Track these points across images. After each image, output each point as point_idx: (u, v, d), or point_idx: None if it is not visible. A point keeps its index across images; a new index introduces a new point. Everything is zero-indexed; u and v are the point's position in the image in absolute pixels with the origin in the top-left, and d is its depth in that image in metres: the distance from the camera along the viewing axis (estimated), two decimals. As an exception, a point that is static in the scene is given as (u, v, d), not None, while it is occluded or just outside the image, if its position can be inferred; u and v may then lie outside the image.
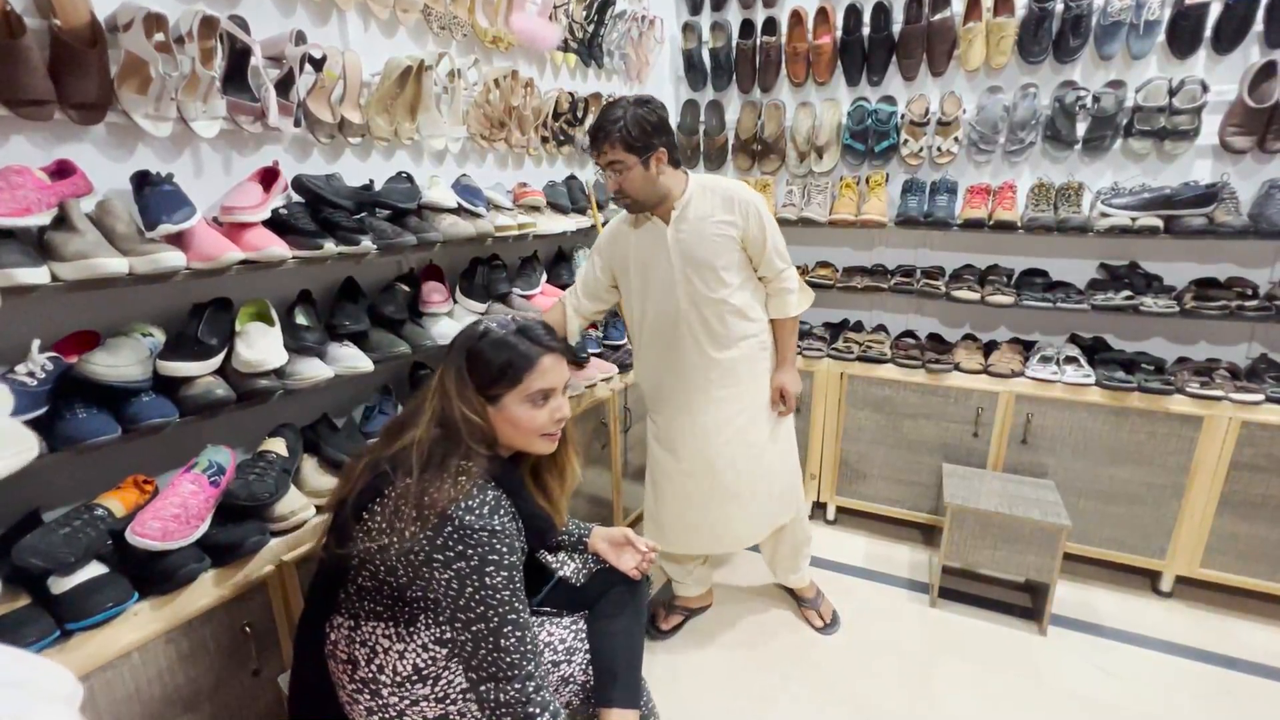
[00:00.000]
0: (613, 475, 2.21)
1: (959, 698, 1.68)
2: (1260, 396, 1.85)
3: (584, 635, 1.13)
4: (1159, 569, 2.06)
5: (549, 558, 1.24)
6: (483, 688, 0.91)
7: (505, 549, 0.91)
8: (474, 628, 0.90)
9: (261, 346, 1.19)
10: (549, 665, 1.08)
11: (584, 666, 1.11)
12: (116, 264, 0.99)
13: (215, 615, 1.08)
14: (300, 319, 1.38)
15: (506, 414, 0.99)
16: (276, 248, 1.20)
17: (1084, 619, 1.99)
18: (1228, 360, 2.05)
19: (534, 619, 1.11)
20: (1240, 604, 2.03)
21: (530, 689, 0.91)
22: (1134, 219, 1.95)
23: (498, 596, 0.89)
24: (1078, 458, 2.06)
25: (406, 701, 0.97)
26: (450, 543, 0.89)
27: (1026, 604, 2.06)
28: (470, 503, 0.91)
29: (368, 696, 0.98)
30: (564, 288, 2.05)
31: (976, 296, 2.18)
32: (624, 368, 2.19)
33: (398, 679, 0.97)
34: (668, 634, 1.93)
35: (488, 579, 0.89)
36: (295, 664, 1.04)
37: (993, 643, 1.88)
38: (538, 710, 0.91)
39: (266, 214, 1.25)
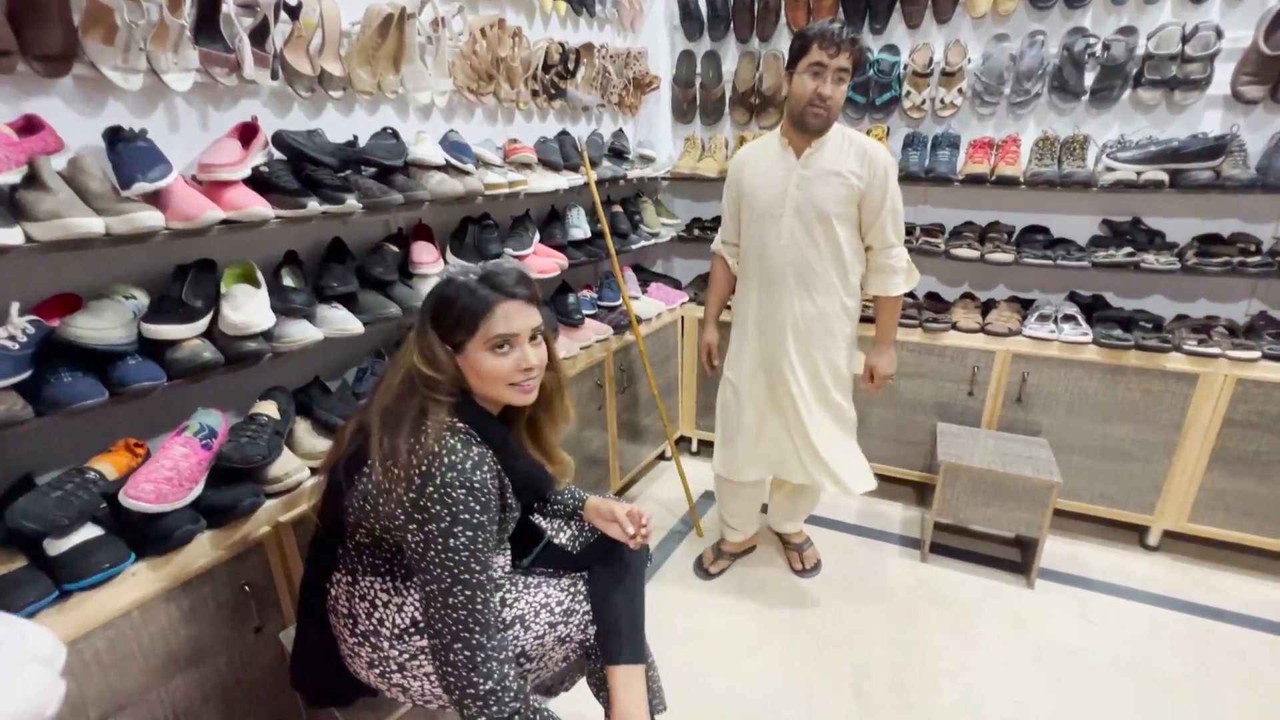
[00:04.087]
0: (609, 436, 2.22)
1: (947, 646, 1.73)
2: (1257, 354, 1.84)
3: (582, 597, 1.14)
4: (1147, 524, 2.10)
5: (543, 523, 1.25)
6: (433, 646, 0.91)
7: (478, 507, 0.90)
8: (429, 587, 0.90)
9: (248, 309, 1.17)
10: (545, 626, 1.09)
11: (582, 626, 1.13)
12: (92, 224, 0.96)
13: (214, 575, 1.09)
14: (287, 281, 1.36)
15: (471, 362, 0.97)
16: (258, 207, 1.17)
17: (1072, 572, 2.03)
18: (1226, 317, 2.03)
19: (531, 580, 1.13)
20: (1225, 557, 2.07)
21: (479, 658, 0.89)
22: (1139, 173, 1.91)
23: (457, 557, 0.88)
24: (1072, 415, 2.07)
25: (406, 655, 0.99)
26: (428, 503, 0.88)
27: (1016, 558, 2.10)
28: (453, 458, 0.90)
29: (369, 650, 1.00)
30: (558, 248, 2.02)
31: (976, 254, 2.15)
32: (619, 329, 2.18)
33: (396, 631, 0.99)
34: (714, 576, 2.03)
35: (452, 540, 0.88)
36: (299, 621, 1.06)
37: (981, 595, 1.93)
38: (481, 679, 0.89)
39: (247, 172, 1.21)
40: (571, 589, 1.14)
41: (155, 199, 1.07)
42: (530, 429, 1.12)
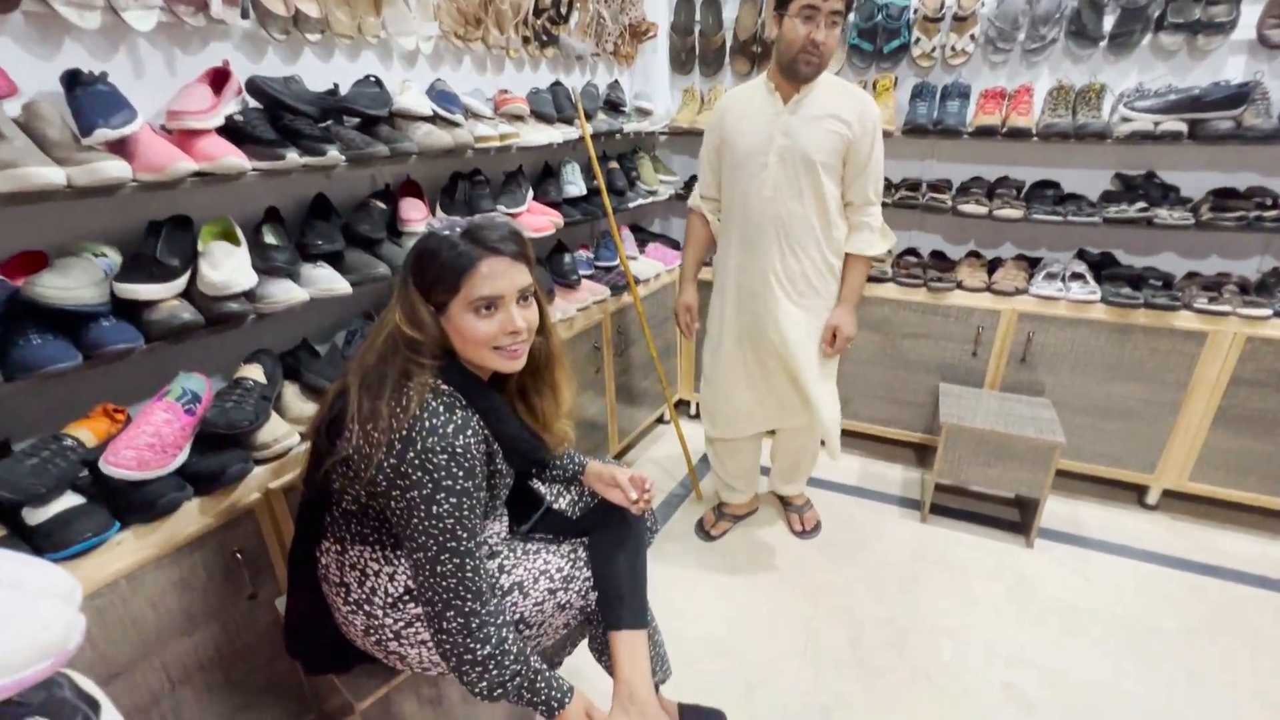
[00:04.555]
0: (607, 400, 2.19)
1: (946, 605, 1.73)
2: (1268, 311, 1.80)
3: (582, 563, 1.12)
4: (1147, 483, 2.09)
5: (542, 488, 1.22)
6: (426, 615, 0.89)
7: (462, 473, 0.86)
8: (415, 556, 0.87)
9: (227, 267, 1.11)
10: (545, 592, 1.07)
11: (582, 592, 1.11)
12: (51, 174, 0.89)
13: (205, 542, 1.06)
14: (269, 238, 1.30)
15: (454, 323, 0.91)
16: (233, 158, 1.10)
17: (1071, 531, 2.03)
18: (1238, 274, 1.99)
19: (530, 546, 1.10)
20: (1223, 515, 2.08)
21: (474, 624, 0.87)
22: (1157, 123, 1.83)
23: (442, 524, 0.85)
24: (1076, 375, 2.04)
25: (402, 622, 0.97)
26: (409, 469, 0.85)
27: (1015, 518, 2.10)
28: (434, 421, 0.86)
29: (363, 618, 0.98)
30: (552, 205, 1.95)
31: (984, 211, 2.09)
32: (616, 289, 2.12)
33: (390, 600, 0.96)
34: (715, 538, 2.02)
35: (435, 507, 0.85)
36: (290, 590, 1.03)
37: (980, 555, 1.93)
38: (477, 644, 0.87)
39: (219, 120, 1.13)
40: (571, 555, 1.12)
41: (120, 148, 1.00)
42: (522, 397, 1.08)
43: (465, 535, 0.87)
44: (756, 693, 1.48)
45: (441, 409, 0.88)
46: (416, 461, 0.84)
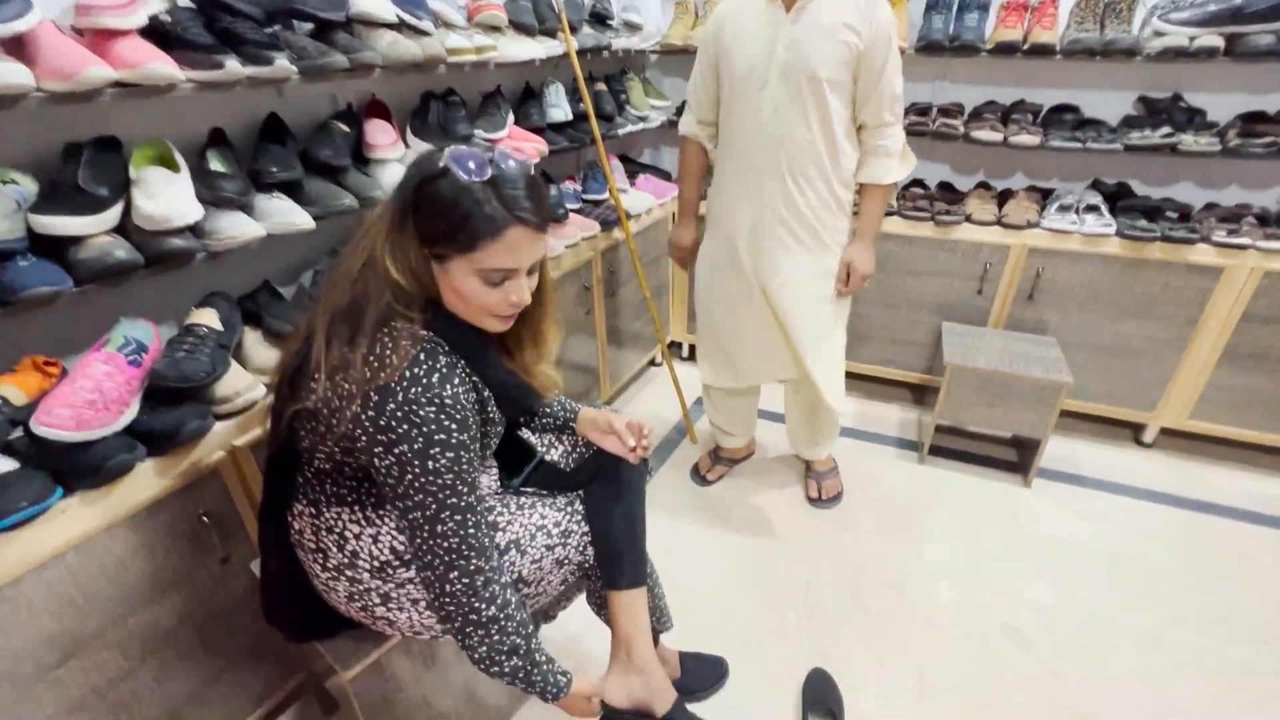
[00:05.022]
0: (598, 343, 2.08)
1: (945, 546, 1.72)
2: (1289, 244, 1.73)
3: (580, 517, 1.05)
4: (1146, 421, 2.07)
5: (533, 439, 1.13)
6: (425, 578, 0.82)
7: (455, 425, 0.77)
8: (410, 515, 0.79)
9: (165, 197, 0.97)
10: (542, 549, 1.00)
11: (580, 547, 1.04)
12: (-73, 79, 0.73)
13: (166, 506, 0.97)
14: (215, 165, 1.14)
15: (451, 279, 0.80)
16: (159, 64, 0.93)
17: (1067, 470, 2.02)
18: (1259, 205, 1.90)
19: (524, 501, 1.03)
20: (1218, 453, 2.07)
21: (479, 582, 0.81)
22: (1192, 38, 1.69)
23: (440, 480, 0.77)
24: (1084, 313, 1.98)
25: (391, 585, 0.90)
26: (393, 423, 0.75)
27: (1013, 458, 2.08)
28: (416, 371, 0.76)
29: (346, 584, 0.90)
30: (535, 131, 1.78)
31: (999, 137, 1.96)
32: (606, 225, 1.98)
33: (376, 564, 0.88)
34: (711, 482, 1.97)
35: (430, 462, 0.76)
36: (262, 556, 0.95)
37: (979, 495, 1.91)
38: (483, 604, 0.81)
39: (141, 19, 0.96)
40: (568, 509, 1.05)
41: (18, 51, 0.83)
42: (500, 342, 0.97)
43: (465, 490, 0.79)
44: (757, 637, 1.46)
45: (423, 356, 0.77)
46: (399, 414, 0.75)
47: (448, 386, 0.77)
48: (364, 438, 0.77)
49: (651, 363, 2.67)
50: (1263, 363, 1.84)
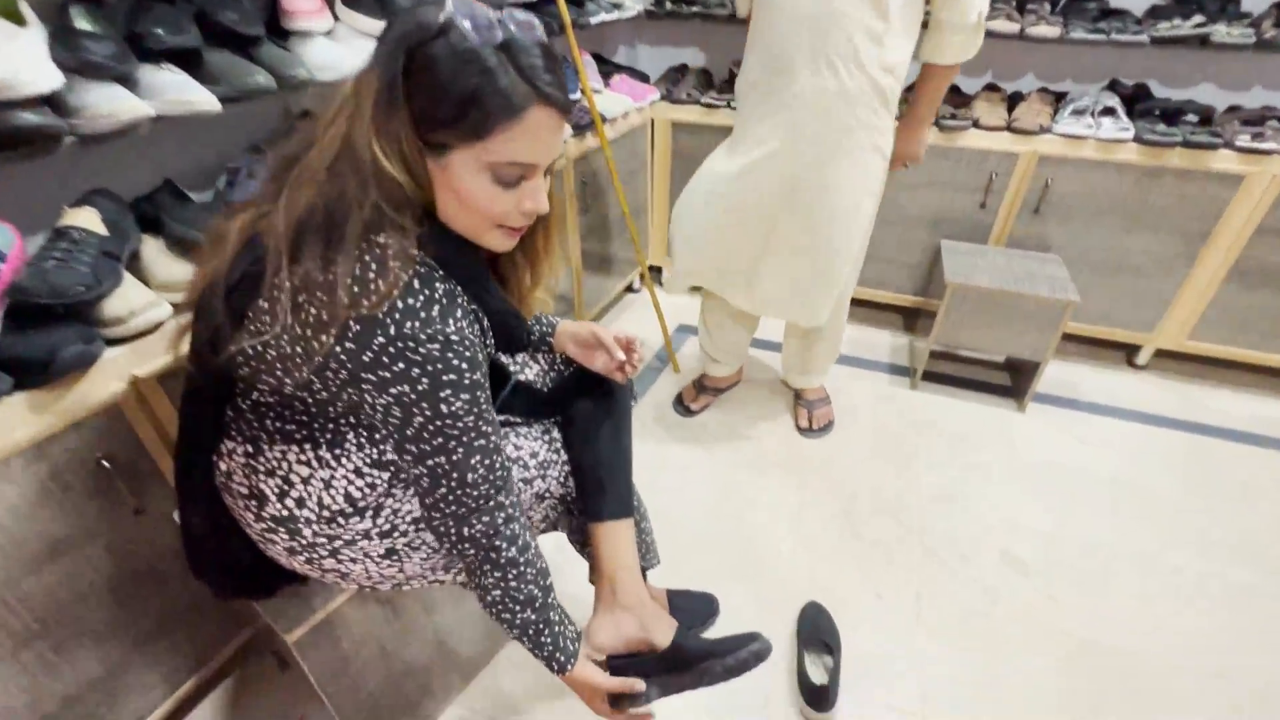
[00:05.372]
0: (573, 265, 1.90)
1: (940, 472, 1.65)
2: (1316, 148, 1.61)
3: (560, 444, 0.92)
4: (1143, 343, 2.00)
5: (504, 358, 0.98)
6: (441, 524, 0.70)
7: (465, 365, 0.62)
8: (429, 462, 0.66)
9: (3, 55, 0.74)
10: (520, 483, 0.87)
11: (561, 479, 0.92)
12: None
13: (48, 451, 0.79)
14: (79, 22, 0.89)
15: (452, 177, 0.62)
16: None
17: (1062, 394, 1.95)
18: (1284, 107, 1.77)
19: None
20: (1213, 375, 2.03)
21: (500, 520, 0.71)
22: (1240, -93, 1.50)
23: (460, 424, 0.64)
24: (1090, 227, 1.86)
25: (340, 541, 0.75)
26: (385, 359, 0.59)
27: (1006, 383, 2.01)
28: (411, 301, 0.59)
29: (285, 536, 0.75)
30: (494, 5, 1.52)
31: (1014, 29, 1.76)
32: (578, 129, 1.76)
33: (325, 514, 0.73)
34: (695, 413, 1.85)
35: (444, 405, 0.62)
36: (180, 505, 0.79)
37: (973, 421, 1.84)
38: (504, 544, 0.72)
39: None
40: (547, 437, 0.92)
41: None
42: (494, 269, 0.81)
43: (489, 430, 0.68)
44: (748, 571, 1.38)
45: (418, 284, 0.60)
46: (392, 351, 0.59)
47: (450, 320, 0.61)
48: (343, 372, 0.61)
49: (629, 288, 2.50)
50: (1272, 279, 1.76)
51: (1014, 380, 1.99)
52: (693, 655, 0.89)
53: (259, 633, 1.16)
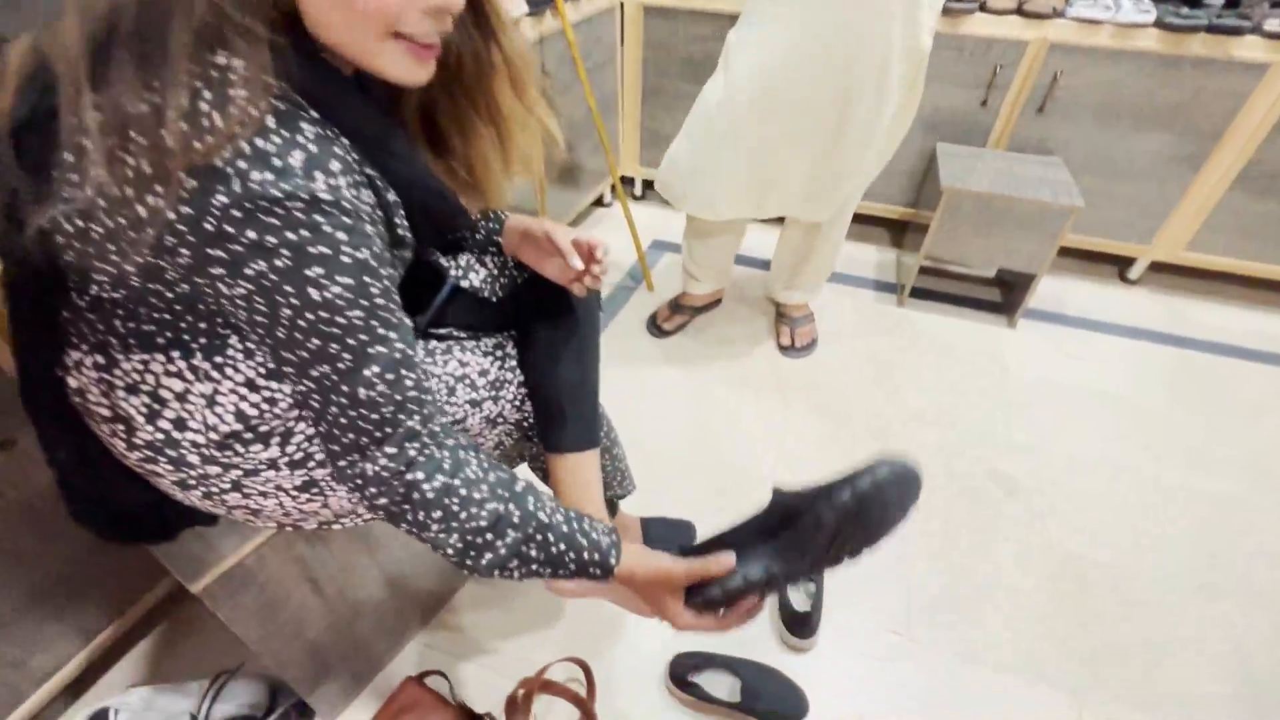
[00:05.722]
0: (533, 175, 1.70)
1: (928, 391, 1.57)
2: (1349, 33, 1.47)
3: (514, 361, 0.78)
4: (1139, 255, 1.91)
5: (443, 260, 0.82)
6: (345, 463, 0.55)
7: (345, 236, 0.46)
8: (313, 373, 0.50)
9: None
10: (466, 406, 0.74)
11: (517, 402, 0.79)
12: None
13: None
14: None
15: None
16: None
17: (1053, 310, 1.87)
18: (1316, -12, 1.60)
19: (436, 344, 0.75)
20: (1206, 289, 1.96)
21: (412, 452, 0.55)
22: None
23: (343, 319, 0.48)
24: (1097, 127, 1.71)
25: (240, 471, 0.62)
26: (230, 227, 0.43)
27: (996, 299, 1.91)
28: (263, 145, 0.42)
29: (169, 466, 0.61)
30: None
31: (1033, -111, 1.54)
32: (535, 5, 1.52)
33: (215, 438, 0.59)
34: (669, 334, 1.72)
35: (315, 291, 0.46)
36: (38, 432, 0.64)
37: (962, 338, 1.75)
38: (424, 476, 0.56)
39: None
40: (500, 353, 0.78)
41: None
42: (428, 132, 0.64)
43: (393, 333, 0.51)
44: (728, 497, 1.30)
45: (274, 121, 0.43)
46: (238, 214, 0.42)
47: (319, 174, 0.44)
48: (184, 250, 0.44)
49: (599, 202, 2.31)
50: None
51: (1004, 296, 1.90)
52: (796, 500, 0.69)
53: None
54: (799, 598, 1.11)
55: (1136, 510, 1.31)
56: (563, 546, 0.62)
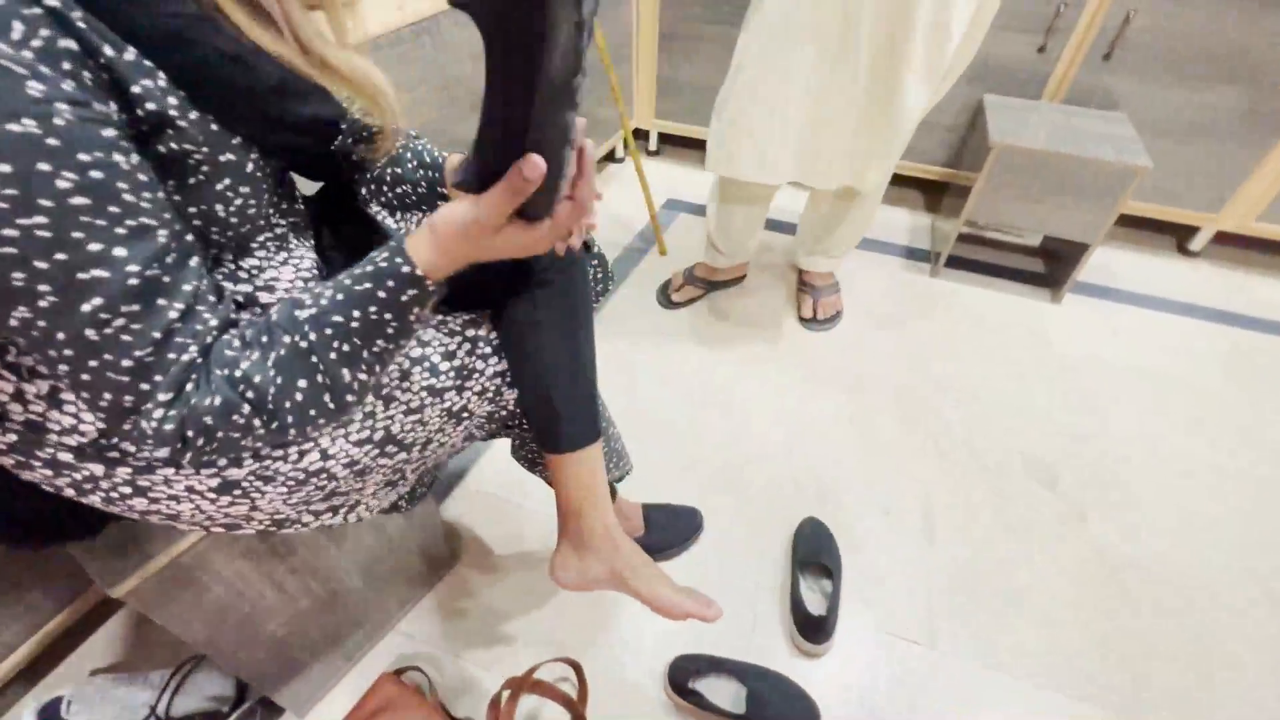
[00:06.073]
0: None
1: (960, 367, 1.44)
2: None
3: (488, 345, 0.66)
4: (1202, 224, 1.73)
5: (387, 218, 0.68)
6: (118, 431, 0.42)
7: (22, 111, 0.32)
8: (11, 321, 0.37)
9: None
10: (423, 393, 0.62)
11: (491, 393, 0.68)
12: None
13: None
14: None
15: None
16: None
17: (1102, 283, 1.71)
18: None
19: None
20: (1271, 263, 1.78)
21: (189, 387, 0.42)
22: None
23: (14, 229, 0.34)
24: (1167, 79, 1.52)
25: (129, 469, 0.50)
26: None
27: (1040, 269, 1.75)
28: None
29: (47, 470, 0.50)
30: None
31: None
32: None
33: (84, 443, 0.48)
34: (681, 305, 1.59)
35: None
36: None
37: (1001, 312, 1.61)
38: (207, 398, 0.42)
39: None
40: (465, 333, 0.66)
41: None
42: None
43: (115, 243, 0.37)
44: (738, 482, 1.20)
45: None
46: None
47: None
48: None
49: (610, 157, 2.16)
50: (1380, 143, 1.47)
51: (1049, 267, 1.74)
52: None
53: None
54: (813, 597, 1.02)
55: (1189, 507, 1.18)
56: (358, 313, 0.47)
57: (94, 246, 0.36)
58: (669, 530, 1.09)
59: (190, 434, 0.43)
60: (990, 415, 1.34)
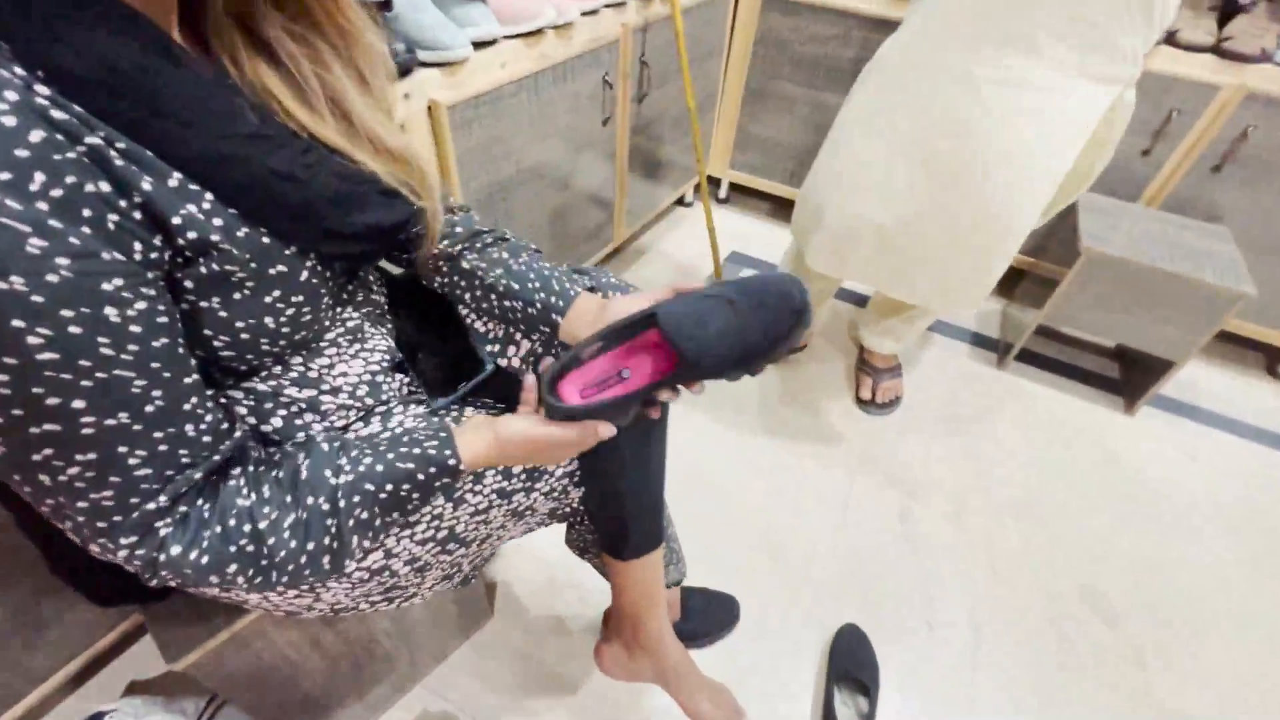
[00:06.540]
0: (616, 166, 1.56)
1: (1018, 474, 1.38)
2: None
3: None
4: (1299, 348, 1.63)
5: (479, 325, 0.68)
6: (91, 547, 0.41)
7: (13, 269, 0.31)
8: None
9: None
10: (492, 497, 0.61)
11: (557, 493, 0.67)
12: None
13: None
14: None
15: None
16: None
17: (1181, 399, 1.62)
18: None
19: (450, 417, 0.63)
20: (1373, 396, 1.67)
21: (162, 531, 0.41)
22: None
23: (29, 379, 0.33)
24: (1278, 196, 1.44)
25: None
26: None
27: (1114, 375, 1.68)
28: None
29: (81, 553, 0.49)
30: None
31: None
32: (645, -14, 1.36)
33: None
34: None
35: None
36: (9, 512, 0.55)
37: (1067, 416, 1.54)
38: (180, 544, 0.42)
39: None
40: None
41: None
42: (260, 47, 0.46)
43: (104, 383, 0.36)
44: (778, 573, 1.17)
45: None
46: None
47: None
48: None
49: (681, 201, 2.15)
50: None
51: (1124, 374, 1.66)
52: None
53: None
54: (847, 714, 0.98)
55: (1256, 664, 1.10)
56: (390, 486, 0.48)
57: (51, 401, 0.35)
58: (706, 618, 1.07)
59: (164, 574, 0.42)
60: (1051, 533, 1.28)
